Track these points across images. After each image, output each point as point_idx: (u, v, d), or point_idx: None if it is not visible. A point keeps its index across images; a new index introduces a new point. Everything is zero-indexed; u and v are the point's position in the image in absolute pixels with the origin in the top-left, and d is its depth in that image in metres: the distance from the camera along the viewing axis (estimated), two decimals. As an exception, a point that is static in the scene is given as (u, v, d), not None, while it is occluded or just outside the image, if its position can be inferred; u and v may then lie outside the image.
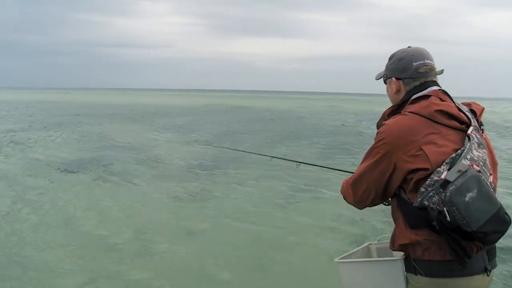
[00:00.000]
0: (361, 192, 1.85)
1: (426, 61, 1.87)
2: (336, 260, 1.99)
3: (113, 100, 60.60)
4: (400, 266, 1.75)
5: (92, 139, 15.81)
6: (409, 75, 1.87)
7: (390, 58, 1.98)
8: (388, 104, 2.02)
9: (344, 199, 1.99)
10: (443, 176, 1.58)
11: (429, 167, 1.63)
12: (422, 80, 1.87)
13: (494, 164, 1.84)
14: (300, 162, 3.43)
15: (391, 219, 1.91)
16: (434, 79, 1.89)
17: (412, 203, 1.69)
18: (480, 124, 1.83)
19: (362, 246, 2.28)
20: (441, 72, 1.93)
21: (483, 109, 1.92)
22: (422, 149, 1.65)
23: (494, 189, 1.73)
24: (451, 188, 1.52)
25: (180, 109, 39.65)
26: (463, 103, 1.89)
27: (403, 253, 1.79)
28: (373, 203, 1.90)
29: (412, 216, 1.70)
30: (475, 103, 1.91)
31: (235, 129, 20.63)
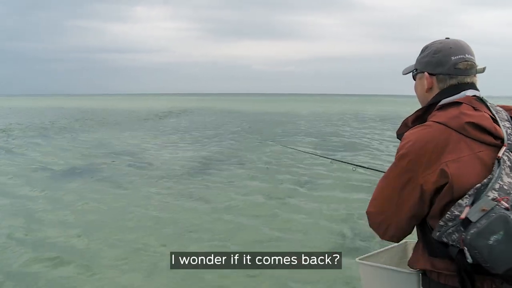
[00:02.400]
0: (378, 223, 1.60)
1: (466, 55, 1.59)
2: (356, 259, 1.95)
3: (110, 105, 61.38)
4: (415, 280, 1.67)
5: (88, 145, 16.00)
6: (446, 70, 1.59)
7: (423, 50, 1.70)
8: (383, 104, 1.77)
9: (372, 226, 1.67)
10: (463, 214, 1.36)
11: (452, 190, 1.42)
12: (459, 79, 1.59)
13: None
14: (356, 165, 3.30)
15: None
16: (472, 80, 1.61)
17: (432, 230, 1.50)
18: None
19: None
20: (483, 70, 1.63)
21: None
22: (447, 168, 1.42)
23: None
24: (472, 231, 1.32)
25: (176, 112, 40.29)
26: (503, 107, 1.61)
27: None
28: (394, 238, 1.62)
29: (431, 245, 1.52)
30: None
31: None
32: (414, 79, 1.73)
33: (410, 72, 1.74)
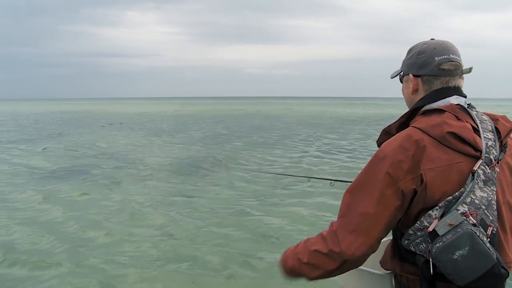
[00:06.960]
0: (347, 242, 1.46)
1: (451, 55, 1.53)
2: None
3: (104, 109, 62.02)
4: (388, 281, 1.66)
5: (82, 148, 16.18)
6: (430, 71, 1.54)
7: (408, 52, 1.65)
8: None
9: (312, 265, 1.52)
10: (431, 227, 1.36)
11: (424, 199, 1.41)
12: (444, 81, 1.54)
13: None
14: (334, 180, 3.30)
15: None
16: (457, 83, 1.55)
17: (402, 236, 1.49)
18: (503, 147, 1.48)
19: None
20: (469, 70, 1.57)
21: None
22: (424, 176, 1.39)
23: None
24: (437, 245, 1.32)
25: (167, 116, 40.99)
26: (490, 115, 1.54)
27: None
28: (363, 256, 1.49)
29: (400, 250, 1.52)
30: (504, 119, 1.55)
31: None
32: (401, 82, 1.69)
33: (398, 75, 1.70)
